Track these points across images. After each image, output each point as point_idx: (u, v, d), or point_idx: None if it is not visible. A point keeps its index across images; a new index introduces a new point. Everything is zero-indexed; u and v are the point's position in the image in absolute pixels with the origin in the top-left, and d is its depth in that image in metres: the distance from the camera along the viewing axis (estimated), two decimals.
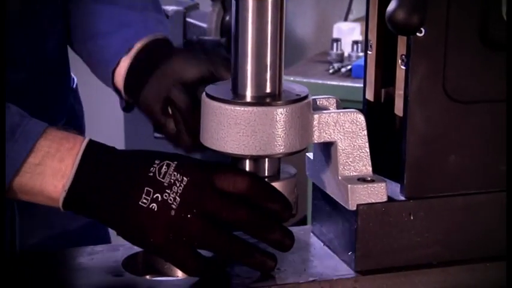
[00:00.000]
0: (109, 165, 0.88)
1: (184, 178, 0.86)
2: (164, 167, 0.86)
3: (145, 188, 0.86)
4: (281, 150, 0.87)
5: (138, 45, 1.13)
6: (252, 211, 0.86)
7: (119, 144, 2.74)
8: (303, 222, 2.52)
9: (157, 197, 0.85)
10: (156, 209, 0.85)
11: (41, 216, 1.15)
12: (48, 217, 1.16)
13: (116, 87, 1.16)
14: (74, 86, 1.28)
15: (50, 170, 0.88)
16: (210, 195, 0.86)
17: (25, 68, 1.11)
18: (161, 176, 0.86)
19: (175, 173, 0.86)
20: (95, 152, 0.88)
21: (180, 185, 0.86)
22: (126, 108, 1.17)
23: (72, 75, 1.27)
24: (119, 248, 0.97)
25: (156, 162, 0.87)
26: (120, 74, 1.14)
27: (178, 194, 0.85)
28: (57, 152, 0.88)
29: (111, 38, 1.16)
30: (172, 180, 0.86)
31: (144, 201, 0.86)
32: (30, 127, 0.89)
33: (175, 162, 0.87)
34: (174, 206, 0.85)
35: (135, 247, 0.92)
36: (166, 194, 0.85)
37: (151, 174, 0.86)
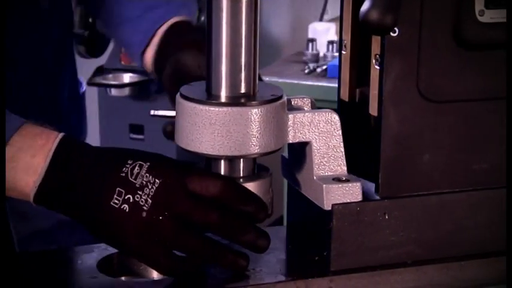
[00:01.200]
0: (81, 163, 0.87)
1: (157, 180, 0.86)
2: (137, 167, 0.86)
3: (117, 189, 0.85)
4: (256, 151, 0.87)
5: (163, 28, 1.17)
6: (224, 213, 0.86)
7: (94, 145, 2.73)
8: (279, 222, 2.53)
9: (129, 198, 0.85)
10: (127, 210, 0.85)
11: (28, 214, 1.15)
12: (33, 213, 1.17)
13: (146, 68, 1.20)
14: (82, 91, 1.30)
15: (22, 165, 0.87)
16: (182, 198, 0.86)
17: (18, 72, 1.11)
18: (133, 177, 0.86)
19: (147, 175, 0.86)
20: (67, 149, 0.88)
21: (152, 187, 0.85)
22: (159, 90, 1.22)
23: (83, 83, 1.29)
24: (94, 249, 0.96)
25: (129, 162, 0.87)
26: (148, 57, 1.18)
27: (149, 196, 0.85)
28: (30, 148, 0.88)
29: (138, 22, 1.19)
30: (144, 182, 0.86)
31: (116, 201, 0.85)
32: (7, 123, 0.89)
33: (148, 163, 0.86)
34: (145, 208, 0.85)
35: (110, 248, 0.91)
36: (138, 196, 0.85)
37: (124, 174, 0.86)
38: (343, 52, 0.97)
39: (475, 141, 0.94)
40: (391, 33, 0.88)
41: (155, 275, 0.96)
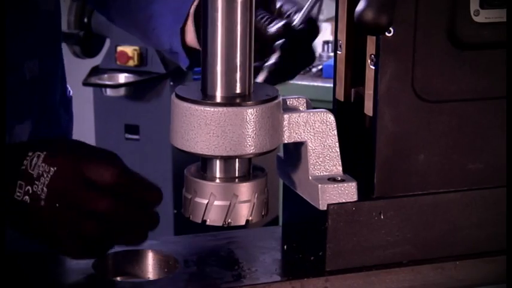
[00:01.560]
0: None
1: (52, 169, 0.88)
2: (35, 158, 0.88)
3: (18, 182, 0.88)
4: (251, 151, 0.87)
5: (195, 3, 1.14)
6: (117, 200, 0.88)
7: None
8: (274, 222, 2.52)
9: (28, 189, 0.88)
10: (28, 201, 0.88)
11: None
12: None
13: (189, 46, 1.16)
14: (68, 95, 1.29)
15: None
16: (76, 185, 0.88)
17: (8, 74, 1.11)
18: (31, 168, 0.88)
19: (44, 164, 0.88)
20: None
21: (47, 176, 0.88)
22: (190, 66, 1.18)
23: (68, 87, 1.27)
24: None
25: (29, 154, 0.89)
26: (190, 34, 1.15)
27: (45, 185, 0.87)
28: None
29: (165, 2, 1.17)
30: (40, 172, 0.88)
31: (18, 194, 0.88)
32: None
33: (45, 153, 0.88)
34: (42, 197, 0.87)
35: None
36: (35, 186, 0.88)
37: (24, 167, 0.88)
38: (339, 52, 0.97)
39: (470, 141, 0.94)
40: (386, 33, 0.88)
41: (150, 275, 0.96)
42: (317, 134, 0.91)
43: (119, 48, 3.02)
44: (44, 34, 1.17)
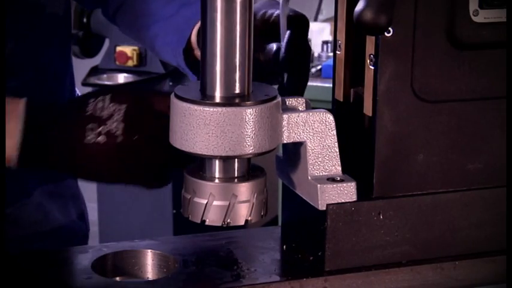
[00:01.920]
0: (51, 118, 0.93)
1: (122, 106, 0.91)
2: (100, 102, 0.91)
3: (87, 127, 0.91)
4: (250, 151, 0.87)
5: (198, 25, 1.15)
6: None
7: None
8: (274, 222, 2.53)
9: (100, 131, 0.90)
10: (102, 142, 0.90)
11: (11, 219, 1.14)
12: (17, 219, 1.16)
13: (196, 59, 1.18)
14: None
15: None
16: (150, 117, 0.91)
17: (17, 76, 1.12)
18: (99, 112, 0.91)
19: (112, 104, 0.91)
20: (34, 110, 0.93)
21: (119, 113, 0.91)
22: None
23: (77, 90, 1.28)
24: (88, 250, 0.96)
25: (91, 100, 0.92)
26: (196, 49, 1.17)
27: (120, 121, 0.90)
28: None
29: (171, 21, 1.19)
30: (111, 111, 0.91)
31: (89, 138, 0.90)
32: None
33: (109, 95, 0.92)
34: (119, 133, 0.90)
35: (105, 249, 0.91)
36: (109, 125, 0.90)
37: (89, 112, 0.91)
38: (338, 52, 0.97)
39: (469, 141, 0.94)
40: (385, 33, 0.88)
41: (149, 275, 0.96)
42: (316, 134, 0.91)
43: (118, 48, 3.02)
44: (50, 36, 1.17)
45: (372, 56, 0.91)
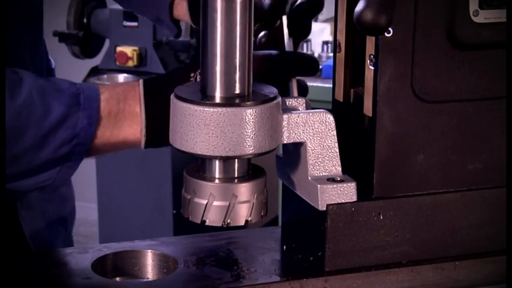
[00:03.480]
0: (165, 97, 0.93)
1: None
2: (199, 75, 0.93)
3: None
4: (251, 151, 0.87)
5: None
6: None
7: None
8: (274, 222, 2.53)
9: None
10: None
11: (37, 206, 1.15)
12: (43, 206, 1.17)
13: (177, 19, 1.23)
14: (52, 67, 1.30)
15: (127, 117, 0.98)
16: None
17: None
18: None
19: None
20: (151, 91, 0.99)
21: None
22: (178, 34, 1.26)
23: (50, 58, 1.28)
24: (88, 250, 0.96)
25: (191, 75, 0.97)
26: (182, 6, 1.20)
27: None
28: (121, 102, 0.98)
29: None
30: None
31: None
32: (88, 93, 0.97)
33: None
34: None
35: (105, 249, 0.91)
36: None
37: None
38: (338, 52, 0.97)
39: (469, 141, 0.94)
40: (385, 34, 0.88)
41: (149, 276, 0.96)
42: (316, 134, 0.91)
43: (118, 49, 3.02)
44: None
45: (372, 56, 0.91)
